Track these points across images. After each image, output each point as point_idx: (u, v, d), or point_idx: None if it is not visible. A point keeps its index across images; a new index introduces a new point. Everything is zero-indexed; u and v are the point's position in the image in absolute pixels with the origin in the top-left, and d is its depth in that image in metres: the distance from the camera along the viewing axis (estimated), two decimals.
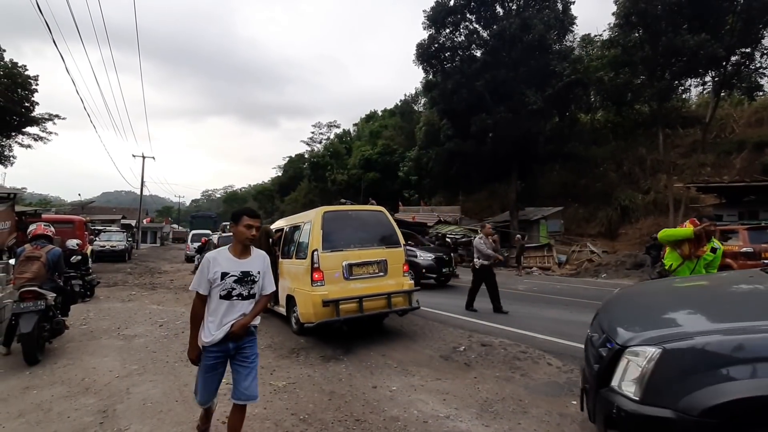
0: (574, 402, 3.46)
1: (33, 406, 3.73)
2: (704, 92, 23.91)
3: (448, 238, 17.73)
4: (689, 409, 1.74)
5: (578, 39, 25.53)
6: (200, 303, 2.56)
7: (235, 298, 2.56)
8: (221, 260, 2.55)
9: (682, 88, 21.47)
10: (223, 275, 2.52)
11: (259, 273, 2.65)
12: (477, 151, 21.94)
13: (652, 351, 1.92)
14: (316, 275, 5.44)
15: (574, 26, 22.31)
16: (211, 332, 2.52)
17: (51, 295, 5.13)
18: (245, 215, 2.60)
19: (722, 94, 19.57)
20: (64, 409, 3.66)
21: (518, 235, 18.92)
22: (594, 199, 22.48)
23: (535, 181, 25.28)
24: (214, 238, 14.48)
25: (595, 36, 25.61)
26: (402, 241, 6.27)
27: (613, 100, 23.42)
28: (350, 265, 5.60)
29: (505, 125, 20.17)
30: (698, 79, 20.51)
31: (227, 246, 2.66)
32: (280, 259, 6.86)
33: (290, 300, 6.26)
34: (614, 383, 2.04)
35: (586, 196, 23.19)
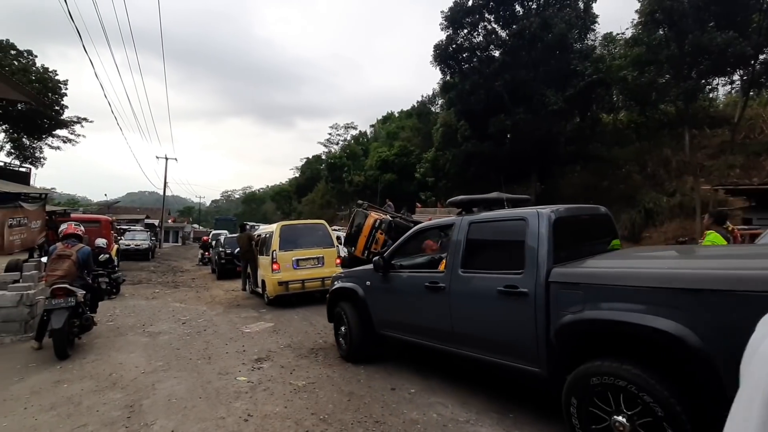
0: None
1: (64, 399, 3.88)
2: (732, 91, 23.09)
3: None
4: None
5: (600, 38, 24.97)
6: None
7: None
8: None
9: (710, 87, 20.77)
10: None
11: None
12: (495, 152, 21.69)
13: None
14: (275, 266, 8.22)
15: (596, 25, 21.85)
16: None
17: (81, 292, 5.32)
18: None
19: (751, 93, 18.85)
20: (93, 403, 3.78)
21: None
22: (617, 202, 21.86)
23: (556, 182, 24.77)
24: (222, 237, 16.14)
25: (618, 34, 24.99)
26: (336, 243, 9.04)
27: (637, 100, 22.78)
28: (298, 260, 8.41)
29: (525, 126, 19.89)
30: (726, 78, 19.80)
31: None
32: (258, 256, 9.71)
33: (263, 283, 9.02)
34: None
35: (609, 199, 22.55)
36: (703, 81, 18.63)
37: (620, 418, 2.40)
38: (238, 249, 11.28)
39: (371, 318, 4.63)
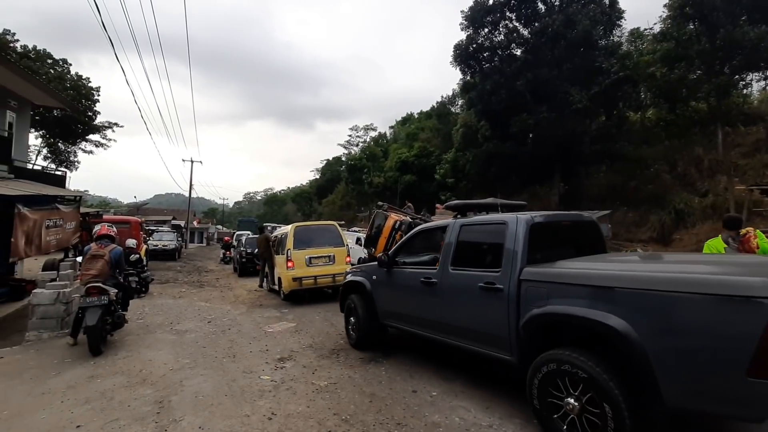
0: None
1: (97, 394, 4.03)
2: (766, 87, 22.03)
3: None
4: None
5: (627, 33, 24.29)
6: None
7: None
8: None
9: (743, 83, 19.88)
10: None
11: None
12: (517, 152, 21.40)
13: None
14: (289, 264, 8.91)
15: (622, 20, 21.26)
16: None
17: (113, 291, 5.53)
18: None
19: None
20: (124, 398, 3.92)
21: None
22: (645, 202, 21.19)
23: (580, 183, 24.18)
24: (243, 238, 17.39)
25: (646, 30, 24.27)
26: (346, 243, 9.63)
27: (666, 97, 22.02)
28: (310, 258, 9.01)
29: (547, 125, 19.53)
30: (760, 74, 18.92)
31: None
32: (275, 255, 10.39)
33: (279, 280, 9.73)
34: None
35: (637, 199, 21.90)
36: (737, 77, 17.88)
37: (571, 400, 2.76)
38: (257, 249, 12.03)
39: (376, 309, 5.15)
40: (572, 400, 2.75)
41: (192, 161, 37.81)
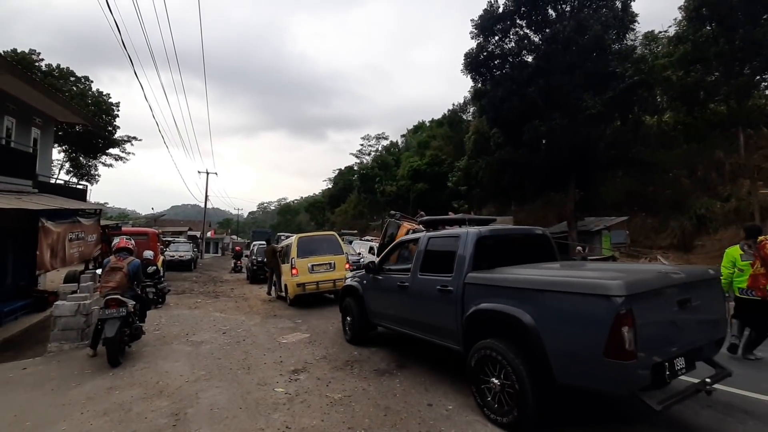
0: None
1: (115, 405, 4.08)
2: None
3: None
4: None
5: (641, 37, 23.98)
6: None
7: None
8: None
9: (765, 84, 19.40)
10: None
11: None
12: (530, 159, 21.15)
13: None
14: (294, 271, 9.72)
15: (636, 24, 21.00)
16: None
17: (131, 303, 5.62)
18: None
19: None
20: (142, 410, 3.96)
21: (579, 248, 17.83)
22: (664, 208, 20.72)
23: (596, 189, 23.76)
24: (255, 247, 18.49)
25: (660, 33, 23.95)
26: (344, 251, 10.48)
27: (684, 100, 21.62)
28: (312, 265, 9.75)
29: (561, 132, 19.29)
30: None
31: None
32: (281, 264, 10.97)
33: (285, 287, 10.43)
34: None
35: (655, 205, 21.44)
36: (758, 77, 17.46)
37: (495, 380, 3.42)
38: (265, 258, 12.95)
39: (366, 309, 5.94)
40: (496, 380, 3.40)
41: (207, 173, 38.58)
